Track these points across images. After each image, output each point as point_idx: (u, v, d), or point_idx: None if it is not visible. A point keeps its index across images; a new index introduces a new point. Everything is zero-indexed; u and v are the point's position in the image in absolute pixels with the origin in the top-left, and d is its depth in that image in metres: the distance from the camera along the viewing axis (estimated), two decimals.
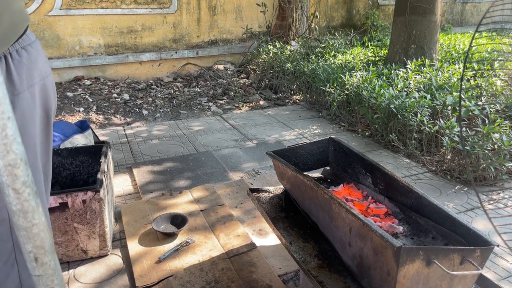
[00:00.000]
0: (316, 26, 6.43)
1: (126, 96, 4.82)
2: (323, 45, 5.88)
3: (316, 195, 1.54)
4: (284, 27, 6.13)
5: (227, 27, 6.17)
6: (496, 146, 2.75)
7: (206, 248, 2.07)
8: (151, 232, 2.18)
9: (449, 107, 3.24)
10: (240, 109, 4.71)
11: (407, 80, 3.94)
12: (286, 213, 1.81)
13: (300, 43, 5.91)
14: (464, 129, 3.03)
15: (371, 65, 4.68)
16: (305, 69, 4.77)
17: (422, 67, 4.25)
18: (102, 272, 1.93)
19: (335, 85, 4.17)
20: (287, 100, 4.98)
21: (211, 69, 5.91)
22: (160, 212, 2.37)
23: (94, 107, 4.42)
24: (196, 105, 4.77)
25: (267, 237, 2.20)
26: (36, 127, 0.92)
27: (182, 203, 2.50)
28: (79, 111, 4.28)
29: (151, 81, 5.56)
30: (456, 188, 2.78)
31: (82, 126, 2.73)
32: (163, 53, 5.69)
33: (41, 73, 0.91)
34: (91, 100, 4.59)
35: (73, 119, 4.06)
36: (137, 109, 4.53)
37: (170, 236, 2.15)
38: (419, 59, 4.44)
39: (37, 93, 0.90)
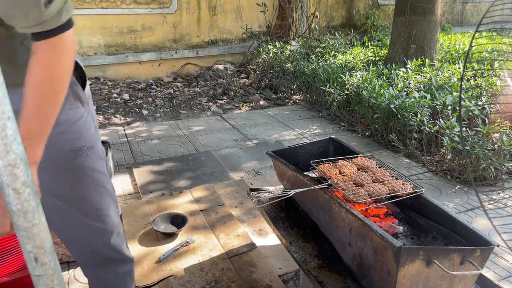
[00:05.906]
0: (316, 26, 6.43)
1: (126, 96, 4.83)
2: (323, 45, 5.88)
3: (316, 195, 1.54)
4: (284, 27, 6.13)
5: (227, 27, 6.17)
6: (496, 146, 2.75)
7: (206, 248, 2.07)
8: (151, 232, 2.18)
9: (449, 107, 3.24)
10: (240, 109, 4.71)
11: (407, 80, 3.94)
12: (286, 213, 1.81)
13: (300, 43, 5.91)
14: (464, 129, 3.02)
15: (371, 65, 4.68)
16: (305, 69, 4.77)
17: (422, 67, 4.25)
18: None
19: (335, 85, 4.17)
20: (287, 100, 4.98)
21: (211, 69, 5.91)
22: (160, 212, 2.37)
23: (94, 107, 4.42)
24: (196, 105, 4.77)
25: (267, 237, 2.20)
26: None
27: (182, 203, 2.50)
28: None
29: (151, 81, 5.56)
30: (456, 188, 2.78)
31: None
32: (163, 53, 5.69)
33: None
34: None
35: None
36: (137, 109, 4.54)
37: (170, 236, 2.15)
38: (419, 59, 4.44)
39: None
